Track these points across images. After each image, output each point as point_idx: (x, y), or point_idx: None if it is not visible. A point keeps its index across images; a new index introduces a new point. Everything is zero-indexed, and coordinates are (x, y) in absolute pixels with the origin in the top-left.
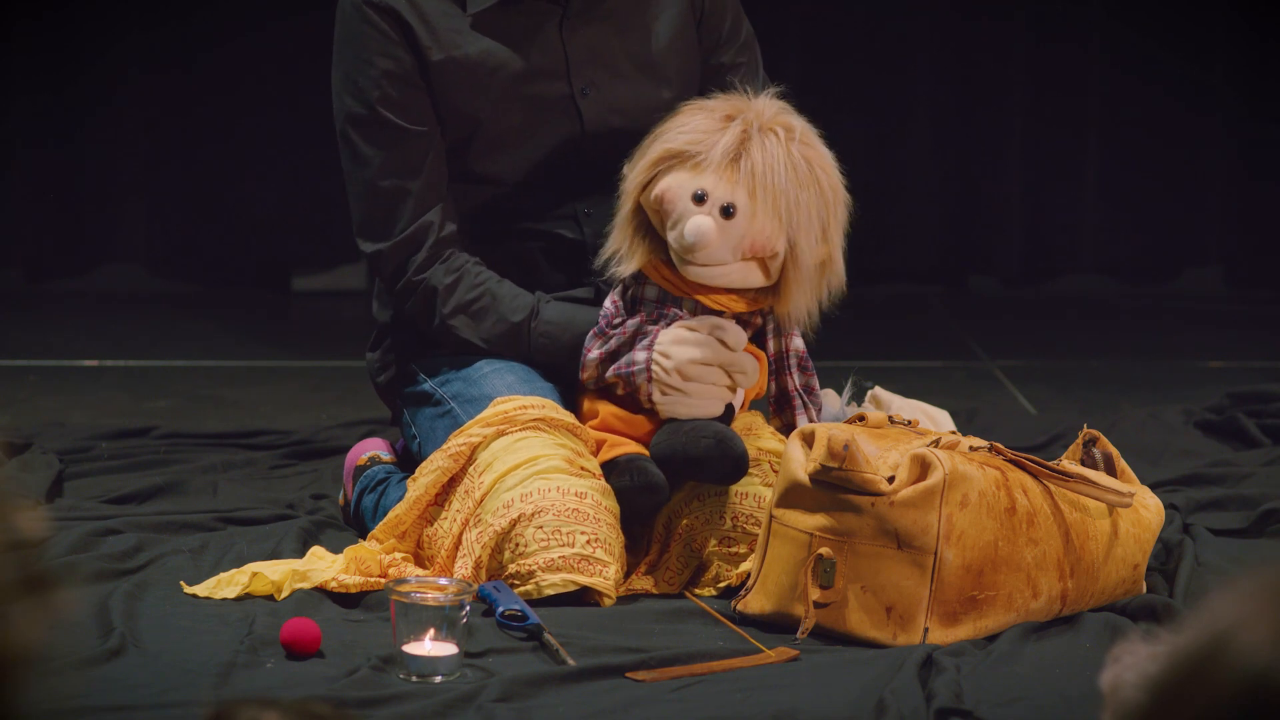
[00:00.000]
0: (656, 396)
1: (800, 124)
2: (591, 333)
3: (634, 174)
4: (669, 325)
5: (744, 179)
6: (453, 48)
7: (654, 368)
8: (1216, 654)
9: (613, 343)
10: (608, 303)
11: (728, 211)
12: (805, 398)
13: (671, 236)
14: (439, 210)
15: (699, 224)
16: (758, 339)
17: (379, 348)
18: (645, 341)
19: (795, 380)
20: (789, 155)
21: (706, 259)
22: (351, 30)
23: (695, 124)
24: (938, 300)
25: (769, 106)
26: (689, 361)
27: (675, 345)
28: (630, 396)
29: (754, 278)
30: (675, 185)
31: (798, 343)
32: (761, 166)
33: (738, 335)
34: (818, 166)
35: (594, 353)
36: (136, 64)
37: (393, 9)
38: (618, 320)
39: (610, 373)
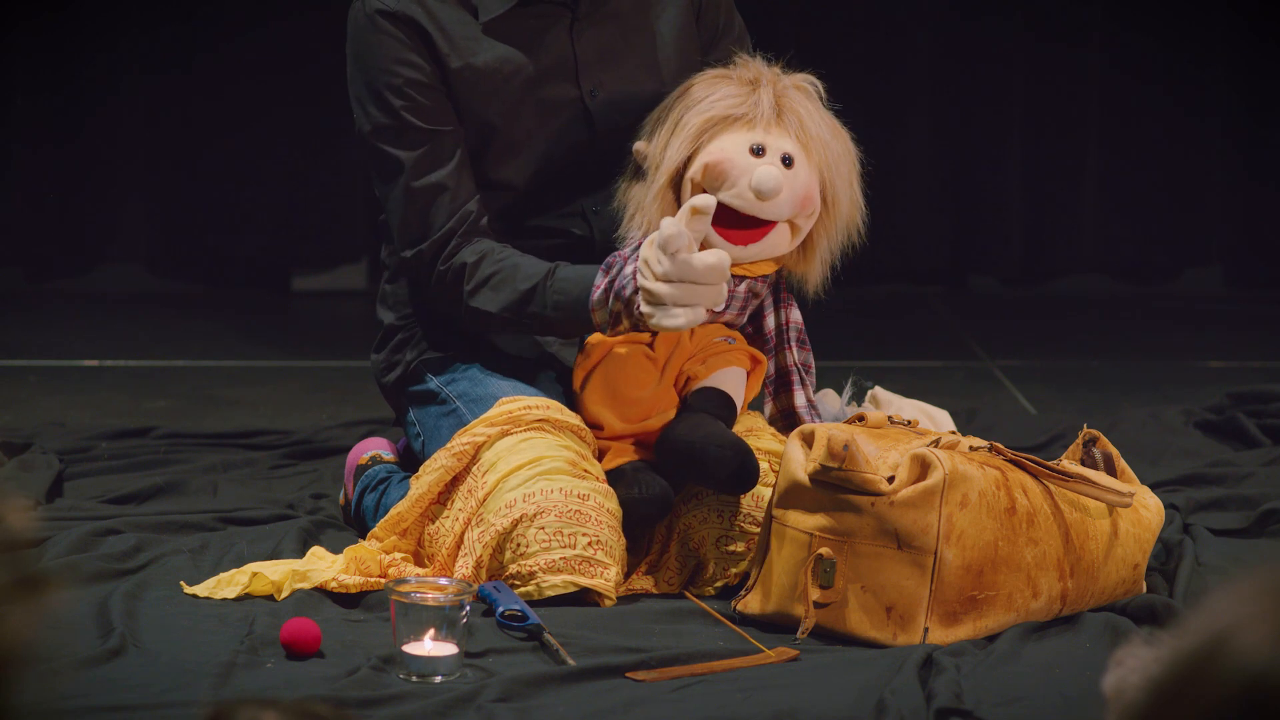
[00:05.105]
0: (644, 307)
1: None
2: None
3: (673, 149)
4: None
5: (793, 130)
6: (470, 55)
7: (640, 274)
8: (1216, 654)
9: (614, 270)
10: None
11: (787, 161)
12: (803, 373)
13: (730, 195)
14: (474, 203)
15: (769, 172)
16: (756, 315)
17: (384, 348)
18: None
19: (794, 355)
20: (819, 110)
21: (775, 211)
22: (369, 42)
23: (725, 90)
24: (938, 300)
25: (778, 72)
26: (668, 240)
27: (649, 245)
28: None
29: (785, 242)
30: (729, 145)
31: (796, 315)
32: (804, 118)
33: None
34: (836, 122)
35: (599, 291)
36: (136, 64)
37: (411, 19)
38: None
39: (613, 296)
